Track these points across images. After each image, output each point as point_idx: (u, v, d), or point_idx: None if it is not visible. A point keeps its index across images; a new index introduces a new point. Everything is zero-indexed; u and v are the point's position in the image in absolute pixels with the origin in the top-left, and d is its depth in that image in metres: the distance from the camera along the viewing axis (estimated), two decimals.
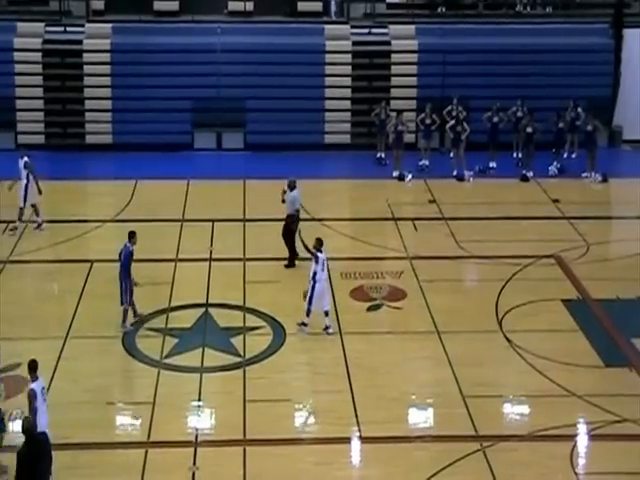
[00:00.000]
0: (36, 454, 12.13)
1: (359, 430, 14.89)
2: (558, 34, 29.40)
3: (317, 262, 17.66)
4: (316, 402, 15.72)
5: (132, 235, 18.00)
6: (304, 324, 17.82)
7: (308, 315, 17.75)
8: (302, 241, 18.87)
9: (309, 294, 17.69)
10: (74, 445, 14.37)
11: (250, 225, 22.64)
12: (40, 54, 28.35)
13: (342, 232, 22.64)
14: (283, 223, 20.58)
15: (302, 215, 21.03)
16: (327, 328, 17.77)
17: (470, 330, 18.08)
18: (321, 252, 17.79)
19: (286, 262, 20.24)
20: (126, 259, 17.78)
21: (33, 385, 13.54)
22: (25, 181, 22.14)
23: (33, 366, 13.64)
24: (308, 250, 18.20)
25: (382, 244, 22.02)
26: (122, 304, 17.78)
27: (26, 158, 22.32)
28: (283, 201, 20.62)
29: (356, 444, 14.71)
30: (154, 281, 18.63)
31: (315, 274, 17.65)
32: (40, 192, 22.29)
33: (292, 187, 20.59)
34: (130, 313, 17.93)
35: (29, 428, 12.21)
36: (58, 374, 16.24)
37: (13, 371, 16.26)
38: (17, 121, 28.11)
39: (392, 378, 16.49)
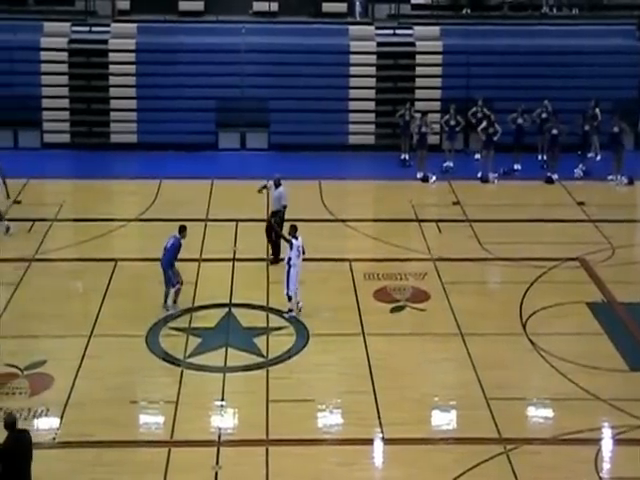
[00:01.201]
0: (21, 448, 12.04)
1: (381, 431, 14.85)
2: (584, 36, 29.24)
3: (292, 248, 18.21)
4: (339, 403, 15.70)
5: (183, 229, 18.43)
6: (290, 310, 18.24)
7: (290, 300, 18.20)
8: (277, 230, 19.73)
9: (285, 279, 18.20)
10: (97, 443, 14.39)
11: None
12: (66, 53, 28.49)
13: (365, 233, 22.61)
14: (267, 220, 20.85)
15: (325, 216, 21.07)
16: (289, 311, 18.28)
17: (494, 332, 18.01)
18: (296, 239, 18.22)
19: (272, 258, 20.52)
20: (173, 248, 18.18)
21: None
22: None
23: None
24: (283, 237, 18.99)
25: (405, 245, 21.95)
26: (173, 286, 18.12)
27: None
28: (259, 191, 21.48)
29: (378, 445, 14.67)
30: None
31: (290, 259, 18.22)
32: (8, 196, 22.00)
33: (277, 184, 20.86)
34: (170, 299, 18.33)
35: (12, 423, 12.12)
36: (82, 372, 16.30)
37: (38, 369, 16.35)
38: (43, 120, 28.26)
39: (415, 379, 16.45)
